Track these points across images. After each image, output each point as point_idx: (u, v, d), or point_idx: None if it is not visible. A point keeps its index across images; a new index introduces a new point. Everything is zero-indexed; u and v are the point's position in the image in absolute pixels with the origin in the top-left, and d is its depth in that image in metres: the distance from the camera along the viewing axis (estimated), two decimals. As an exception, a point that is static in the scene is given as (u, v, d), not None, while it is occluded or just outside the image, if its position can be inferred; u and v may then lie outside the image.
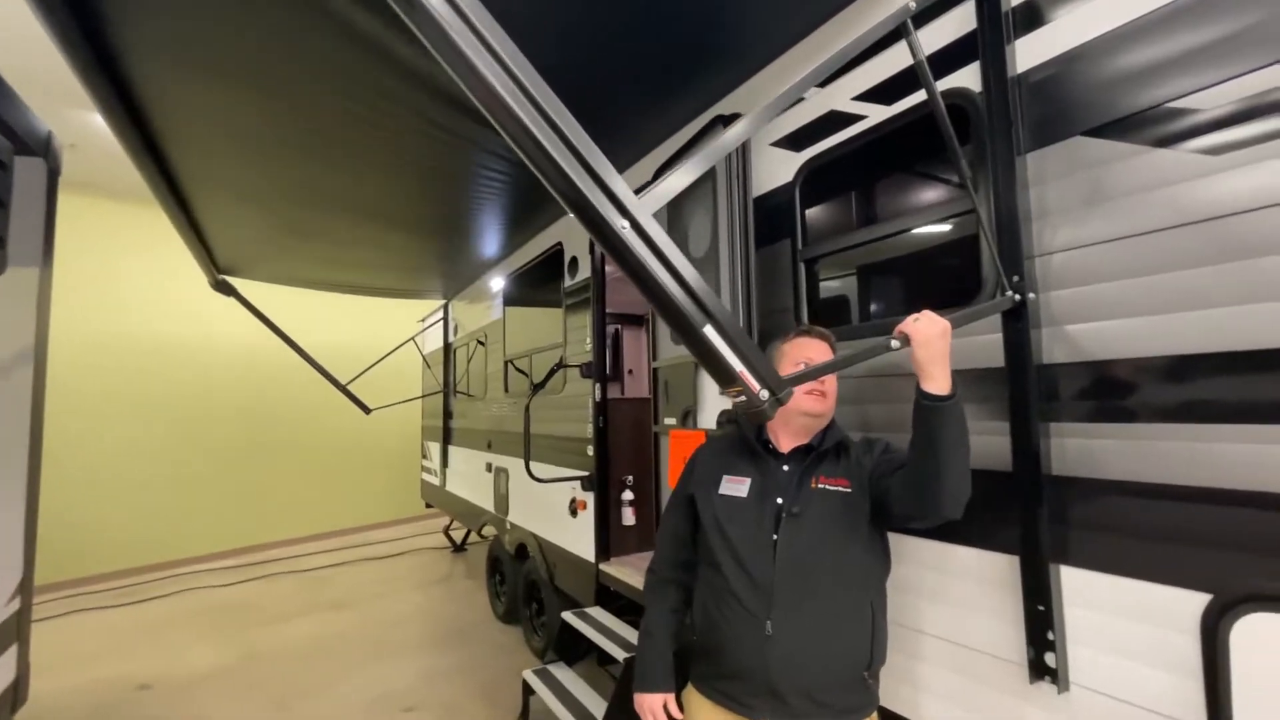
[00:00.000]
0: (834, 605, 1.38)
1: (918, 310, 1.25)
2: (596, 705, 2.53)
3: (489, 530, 4.93)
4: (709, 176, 2.21)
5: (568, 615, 3.06)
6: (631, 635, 2.75)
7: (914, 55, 1.27)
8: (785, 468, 1.52)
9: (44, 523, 5.43)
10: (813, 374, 1.23)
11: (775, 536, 1.42)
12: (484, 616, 4.73)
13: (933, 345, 1.18)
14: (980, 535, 1.46)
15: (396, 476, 8.15)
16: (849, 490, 1.44)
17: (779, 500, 1.46)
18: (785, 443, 1.56)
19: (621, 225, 0.84)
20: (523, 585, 4.15)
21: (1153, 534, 1.17)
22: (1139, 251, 1.20)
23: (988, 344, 1.43)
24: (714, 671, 1.47)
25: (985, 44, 1.44)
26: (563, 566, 3.56)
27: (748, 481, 1.53)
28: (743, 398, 0.95)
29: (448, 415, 6.03)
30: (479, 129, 2.48)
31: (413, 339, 6.18)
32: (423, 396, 6.71)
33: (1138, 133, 1.21)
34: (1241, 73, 1.08)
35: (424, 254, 4.39)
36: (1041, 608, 1.31)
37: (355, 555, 6.76)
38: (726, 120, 2.18)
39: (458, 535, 6.95)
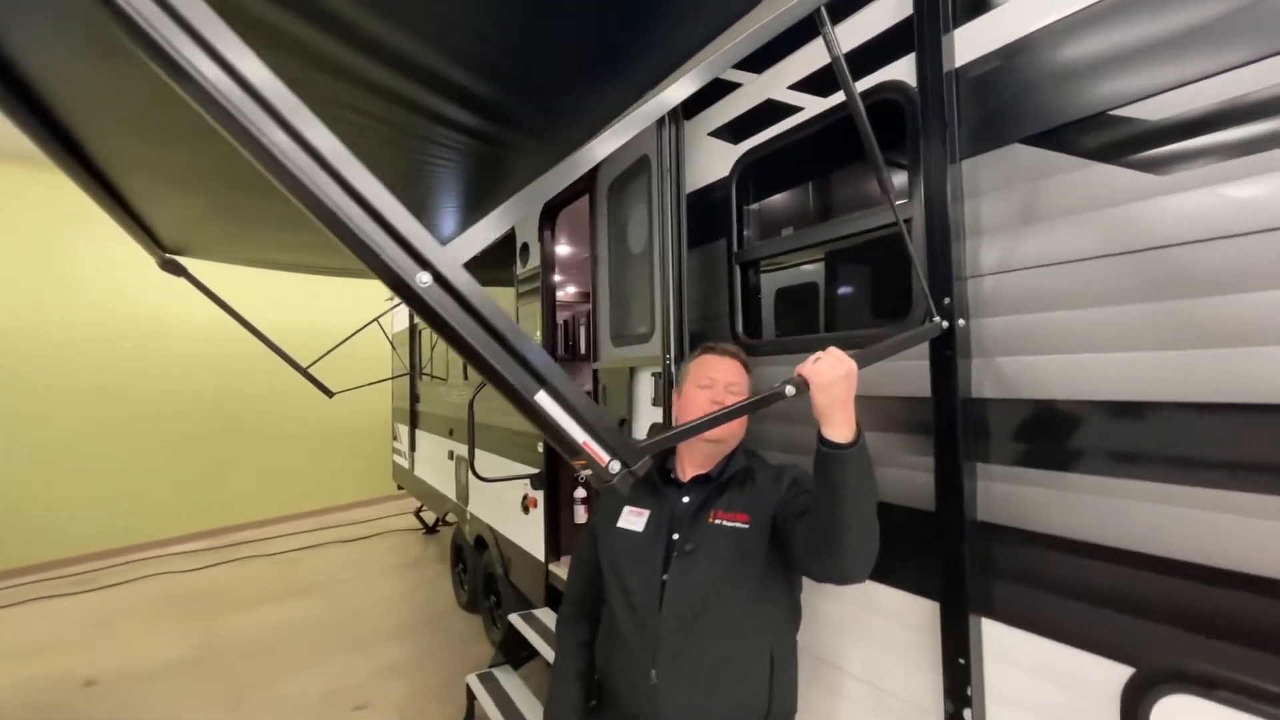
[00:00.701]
0: (725, 653, 1.28)
1: (853, 325, 1.12)
2: (536, 715, 2.47)
3: (452, 517, 4.84)
4: (645, 167, 2.04)
5: (514, 618, 2.98)
6: (577, 640, 2.67)
7: (829, 50, 1.10)
8: (685, 499, 1.40)
9: (-2, 509, 5.31)
10: (680, 435, 1.03)
11: (665, 576, 1.32)
12: (448, 605, 4.67)
13: (833, 390, 1.04)
14: (903, 576, 1.35)
15: (368, 456, 8.03)
16: (746, 527, 1.32)
17: (675, 536, 1.36)
18: (689, 470, 1.45)
19: (421, 280, 0.69)
20: (482, 577, 4.09)
21: (1078, 595, 1.07)
22: (1073, 280, 1.07)
23: (918, 370, 1.30)
24: (608, 717, 1.39)
25: (922, 30, 1.27)
26: (517, 562, 3.48)
27: (646, 514, 1.42)
28: (589, 470, 0.82)
29: (414, 399, 5.90)
30: (415, 119, 2.32)
31: (376, 320, 6.00)
32: (389, 379, 6.55)
33: (1077, 143, 1.06)
34: (1197, 77, 0.92)
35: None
36: (961, 660, 1.21)
37: (328, 537, 6.68)
38: (674, 114, 1.99)
39: (430, 517, 6.88)
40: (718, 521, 1.33)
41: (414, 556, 5.99)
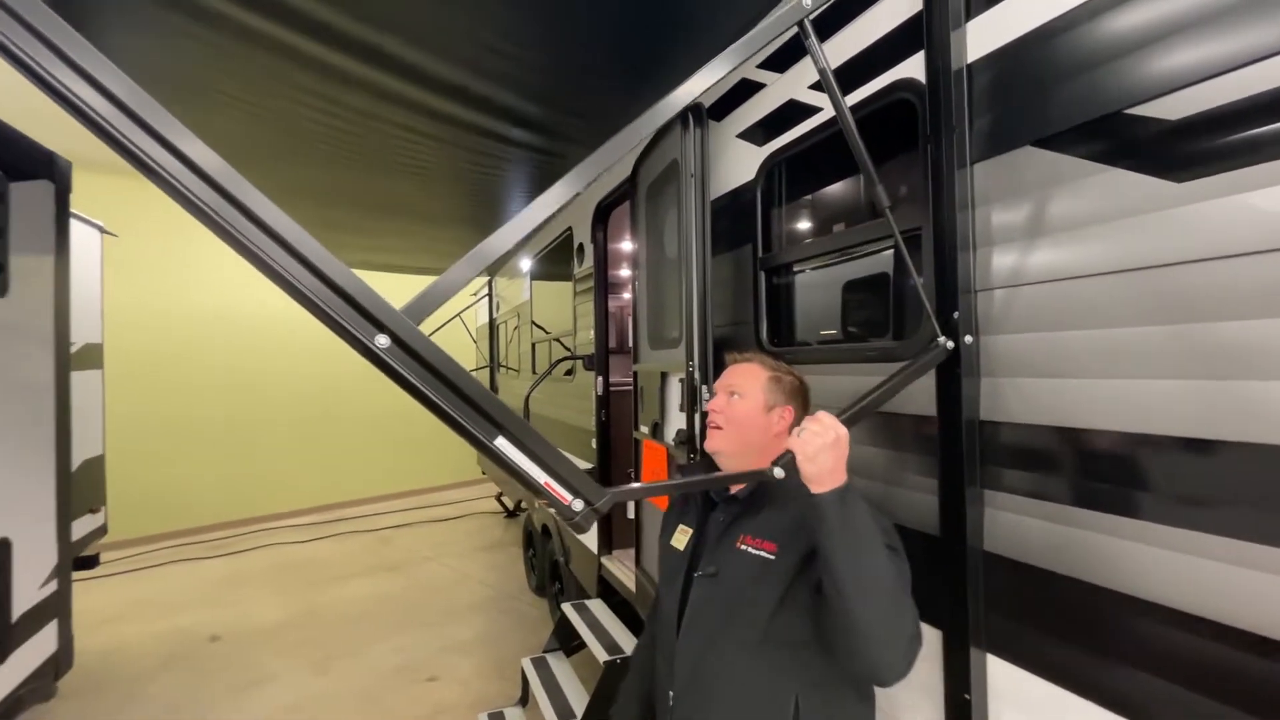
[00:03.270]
0: (740, 689, 1.18)
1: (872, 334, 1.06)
2: (580, 703, 2.56)
3: (525, 504, 5.07)
4: (675, 171, 2.04)
5: (566, 607, 3.09)
6: (624, 634, 2.74)
7: (816, 62, 1.06)
8: (720, 518, 1.30)
9: (148, 483, 6.14)
10: (645, 491, 1.03)
11: (685, 597, 1.27)
12: (519, 587, 4.92)
13: (820, 460, 0.96)
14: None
15: (456, 442, 8.51)
16: (772, 558, 1.17)
17: (700, 556, 1.29)
18: (734, 486, 1.33)
19: (380, 341, 0.75)
20: (548, 563, 4.26)
21: (1087, 642, 0.98)
22: (1084, 297, 0.97)
23: (924, 385, 1.23)
24: None
25: (931, 24, 1.19)
26: (575, 552, 3.60)
27: (691, 532, 1.35)
28: (553, 509, 0.86)
29: (493, 389, 6.20)
30: (475, 138, 2.50)
31: (459, 315, 6.35)
32: (472, 370, 6.91)
33: (1090, 146, 0.95)
34: (1219, 71, 0.81)
35: (449, 241, 4.52)
36: (966, 696, 1.15)
37: (419, 517, 7.20)
38: (695, 114, 1.97)
39: (509, 501, 7.23)
40: (744, 547, 1.22)
41: (494, 539, 6.33)
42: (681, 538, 1.37)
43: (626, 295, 5.09)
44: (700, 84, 1.05)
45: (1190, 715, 0.85)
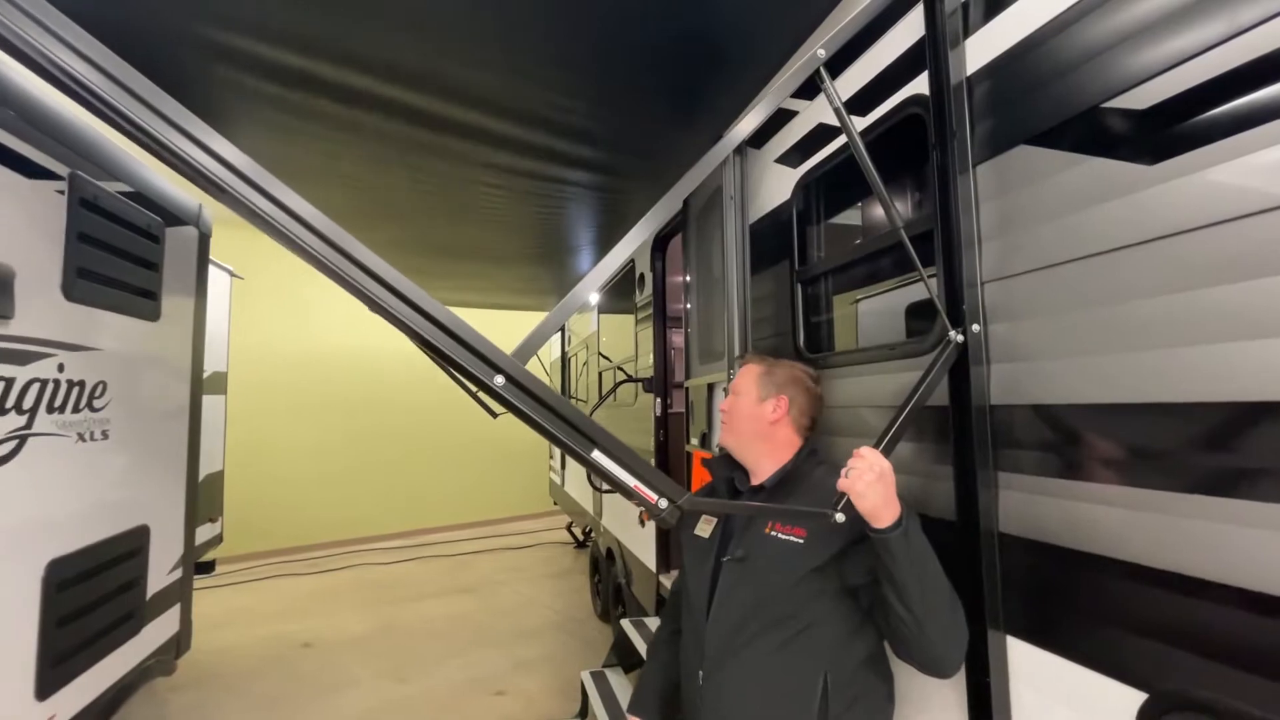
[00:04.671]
0: (769, 667, 1.24)
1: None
2: (635, 714, 2.61)
3: (594, 533, 5.20)
4: (719, 200, 2.19)
5: (624, 623, 3.17)
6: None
7: (830, 102, 1.20)
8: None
9: (252, 505, 6.76)
10: (724, 508, 1.27)
11: (715, 580, 1.35)
12: (585, 613, 5.01)
13: (871, 495, 1.07)
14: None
15: (529, 474, 8.85)
16: (801, 542, 1.25)
17: (729, 542, 1.38)
18: (756, 476, 1.45)
19: (498, 381, 0.96)
20: (611, 587, 4.35)
21: (1101, 615, 1.00)
22: (1086, 277, 1.02)
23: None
24: (681, 710, 1.45)
25: (933, 47, 1.30)
26: (636, 573, 3.68)
27: (715, 521, 1.45)
28: (643, 508, 1.03)
29: (564, 420, 6.45)
30: (533, 181, 2.80)
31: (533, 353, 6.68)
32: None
33: (1074, 139, 1.03)
34: (1177, 62, 0.88)
35: (518, 278, 4.90)
36: (985, 679, 1.16)
37: (494, 544, 7.48)
38: (739, 148, 2.13)
39: (579, 532, 7.38)
40: (773, 532, 1.30)
41: (563, 567, 6.47)
42: (706, 526, 1.47)
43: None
44: (749, 125, 1.28)
45: (1221, 686, 0.85)
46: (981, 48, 1.21)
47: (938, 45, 1.28)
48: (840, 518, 1.08)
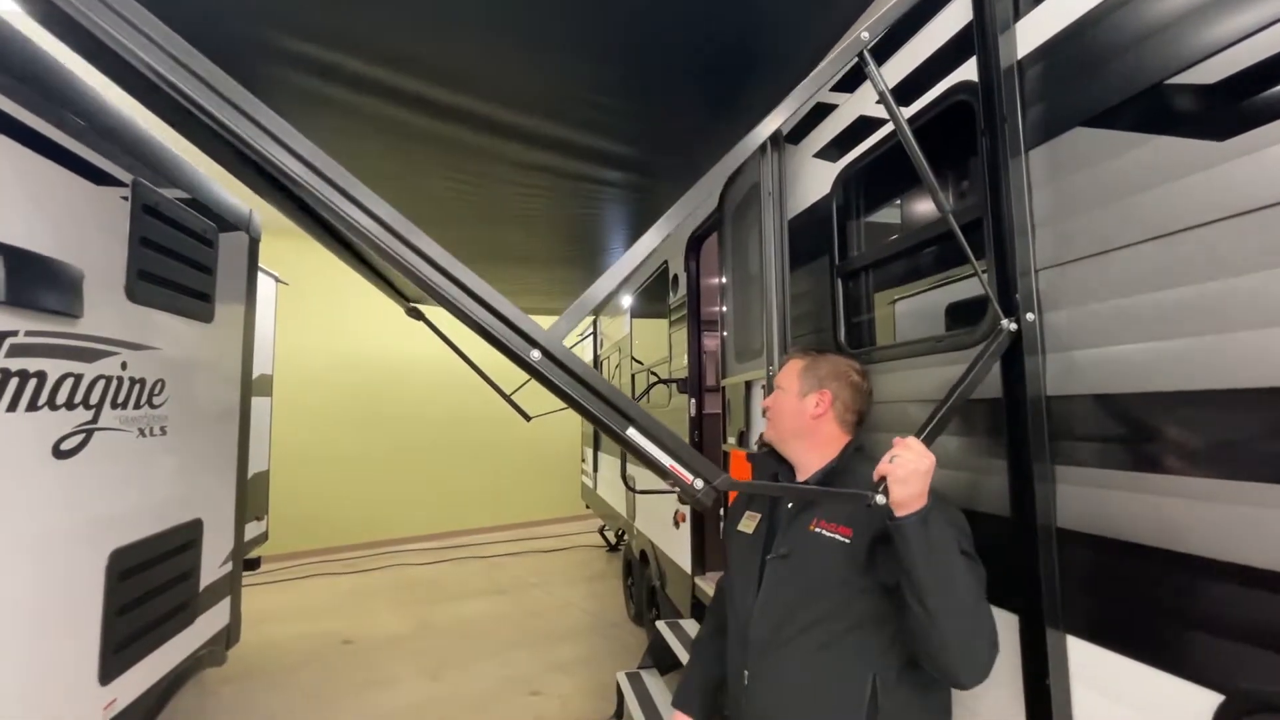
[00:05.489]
0: (814, 667, 1.22)
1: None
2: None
3: (626, 536, 5.20)
4: (756, 196, 2.18)
5: (660, 625, 3.15)
6: (715, 652, 2.76)
7: (875, 86, 1.18)
8: (789, 503, 1.37)
9: (296, 506, 6.94)
10: (758, 488, 1.25)
11: (760, 577, 1.33)
12: (619, 616, 5.00)
13: (910, 484, 1.04)
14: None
15: (562, 478, 8.90)
16: (848, 541, 1.22)
17: (773, 539, 1.35)
18: (801, 473, 1.41)
19: (534, 355, 0.96)
20: (645, 588, 4.33)
21: (1172, 612, 0.95)
22: (1157, 258, 0.98)
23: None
24: (726, 707, 1.42)
25: (982, 31, 1.27)
26: (670, 575, 3.66)
27: (759, 517, 1.43)
28: (677, 488, 1.01)
29: (597, 423, 6.46)
30: (578, 184, 2.83)
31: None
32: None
33: (1136, 118, 0.99)
34: (1251, 33, 0.85)
35: (547, 281, 4.98)
36: (1044, 680, 1.12)
37: (528, 547, 7.54)
38: (773, 140, 2.12)
39: (612, 536, 7.38)
40: (818, 530, 1.27)
41: (596, 570, 6.48)
42: (749, 523, 1.44)
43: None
44: (780, 117, 1.25)
45: (1269, 675, 0.81)
46: (1034, 29, 1.18)
47: (986, 30, 1.25)
48: (881, 499, 1.05)
